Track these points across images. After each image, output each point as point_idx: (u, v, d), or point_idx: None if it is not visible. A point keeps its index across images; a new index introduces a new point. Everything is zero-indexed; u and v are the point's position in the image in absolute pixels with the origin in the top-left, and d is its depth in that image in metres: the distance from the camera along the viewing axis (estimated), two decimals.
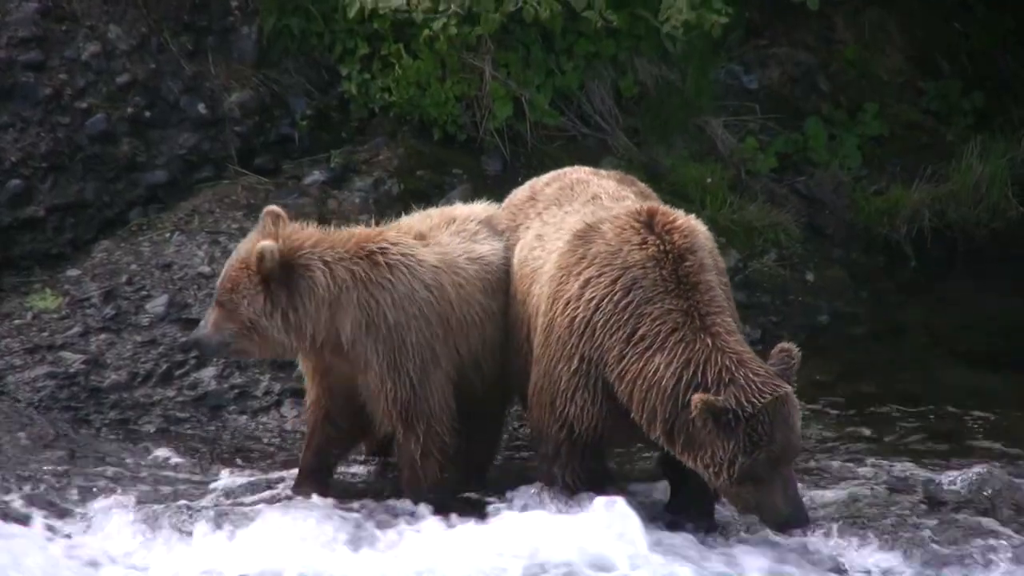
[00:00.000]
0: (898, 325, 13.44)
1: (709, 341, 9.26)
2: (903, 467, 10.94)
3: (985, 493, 10.48)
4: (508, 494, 9.99)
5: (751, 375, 9.16)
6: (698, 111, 14.10)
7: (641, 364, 9.35)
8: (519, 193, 10.61)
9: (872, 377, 12.66)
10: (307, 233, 10.07)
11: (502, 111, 13.33)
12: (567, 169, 10.63)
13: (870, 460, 11.09)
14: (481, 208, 10.63)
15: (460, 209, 10.66)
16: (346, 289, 9.94)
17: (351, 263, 9.99)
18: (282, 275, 9.89)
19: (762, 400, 9.10)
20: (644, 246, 9.51)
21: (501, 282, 10.28)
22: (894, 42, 15.23)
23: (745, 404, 9.10)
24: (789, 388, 9.22)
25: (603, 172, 10.60)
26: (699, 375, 9.21)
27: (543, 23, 13.17)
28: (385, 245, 10.07)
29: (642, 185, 10.58)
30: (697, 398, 9.09)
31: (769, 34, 14.86)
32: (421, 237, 10.26)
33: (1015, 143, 14.58)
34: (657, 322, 9.37)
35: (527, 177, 10.88)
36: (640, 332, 9.38)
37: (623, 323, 9.43)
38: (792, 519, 9.33)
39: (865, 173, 14.46)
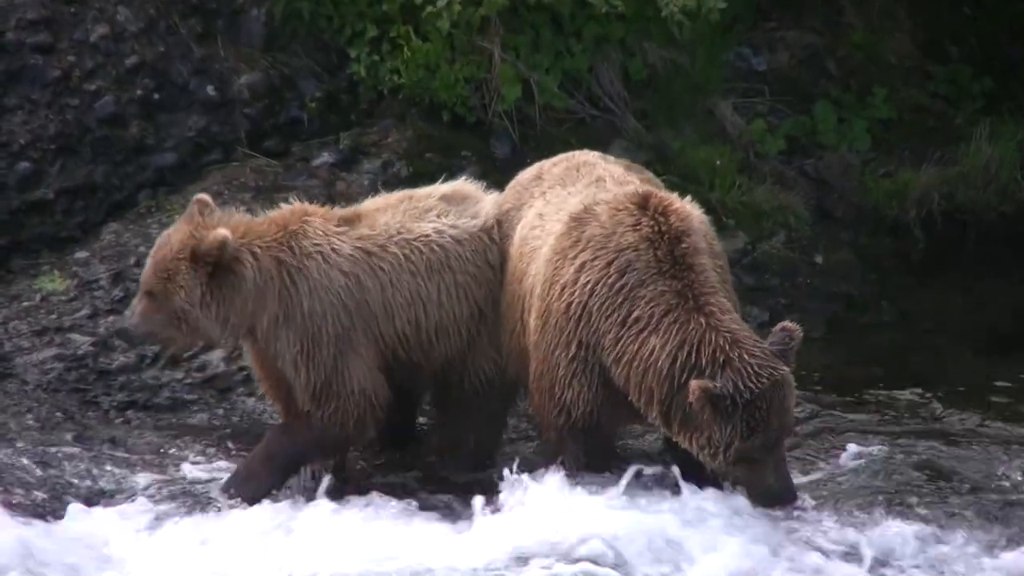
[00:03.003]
0: (907, 307, 13.45)
1: (703, 321, 9.24)
2: (911, 449, 10.93)
3: (995, 474, 10.50)
4: (513, 478, 9.94)
5: (747, 356, 9.14)
6: (707, 93, 14.09)
7: (636, 346, 9.33)
8: (526, 173, 10.58)
9: (881, 359, 12.67)
10: (235, 222, 9.99)
11: (511, 93, 13.32)
12: (576, 152, 10.60)
13: (877, 442, 11.09)
14: (451, 185, 10.48)
15: (427, 188, 10.49)
16: (270, 279, 9.88)
17: (276, 250, 9.93)
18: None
19: (760, 385, 9.08)
20: (637, 227, 9.48)
21: (447, 260, 10.14)
22: (903, 26, 15.21)
23: (743, 390, 9.07)
24: (786, 370, 9.21)
25: (611, 158, 10.57)
26: (694, 356, 9.19)
27: (551, 6, 13.17)
28: (302, 230, 9.98)
29: (649, 174, 10.56)
30: (695, 384, 9.06)
31: (777, 17, 14.85)
32: (357, 217, 10.14)
33: None
34: (651, 304, 9.35)
35: (536, 160, 10.86)
36: (635, 314, 9.36)
37: (618, 306, 9.41)
38: (780, 496, 9.38)
39: (874, 156, 14.45)
